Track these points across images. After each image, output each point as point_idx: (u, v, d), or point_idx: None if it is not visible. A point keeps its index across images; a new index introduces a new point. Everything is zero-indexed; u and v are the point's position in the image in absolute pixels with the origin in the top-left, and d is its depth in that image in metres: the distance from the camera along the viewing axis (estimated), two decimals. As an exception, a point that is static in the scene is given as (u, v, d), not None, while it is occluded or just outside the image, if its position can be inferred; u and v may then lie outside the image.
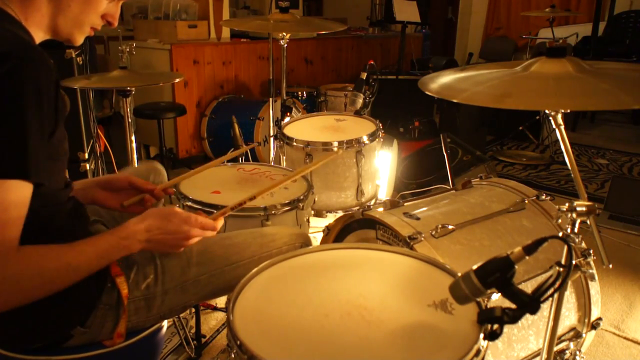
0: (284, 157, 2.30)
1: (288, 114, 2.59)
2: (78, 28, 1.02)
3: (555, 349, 1.27)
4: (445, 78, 1.20)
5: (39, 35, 0.99)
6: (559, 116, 1.04)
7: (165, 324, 1.18)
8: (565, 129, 1.05)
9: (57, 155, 0.97)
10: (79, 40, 1.04)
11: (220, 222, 1.13)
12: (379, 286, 1.00)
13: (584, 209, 0.96)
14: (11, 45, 0.84)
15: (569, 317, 1.47)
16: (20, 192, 0.83)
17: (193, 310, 1.81)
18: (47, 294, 0.89)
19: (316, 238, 2.24)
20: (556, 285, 0.83)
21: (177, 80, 2.20)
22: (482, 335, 0.84)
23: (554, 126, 1.05)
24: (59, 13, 0.98)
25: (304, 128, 2.36)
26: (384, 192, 2.65)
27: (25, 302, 0.88)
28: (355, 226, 1.54)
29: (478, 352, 0.82)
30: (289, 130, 2.28)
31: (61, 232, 0.99)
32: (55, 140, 0.93)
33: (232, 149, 2.04)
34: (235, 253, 1.20)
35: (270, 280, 1.03)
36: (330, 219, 2.02)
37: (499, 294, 0.83)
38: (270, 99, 2.91)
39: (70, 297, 0.98)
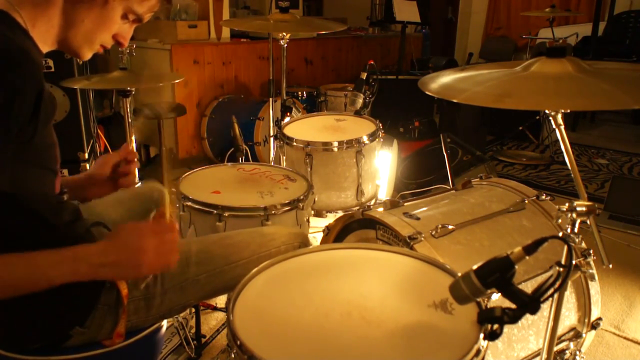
0: (284, 157, 2.30)
1: (288, 114, 2.58)
2: (88, 44, 1.01)
3: (555, 349, 1.27)
4: (445, 78, 1.20)
5: (45, 46, 0.97)
6: (559, 116, 1.04)
7: (164, 323, 1.18)
8: (565, 129, 1.05)
9: (43, 163, 0.95)
10: (87, 55, 1.03)
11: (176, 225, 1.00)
12: (379, 286, 1.00)
13: (584, 209, 0.96)
14: None
15: (569, 317, 1.47)
16: None
17: (193, 310, 1.81)
18: None
19: (316, 238, 2.24)
20: (556, 285, 0.83)
21: (177, 80, 2.20)
22: (482, 335, 0.84)
23: (554, 126, 1.05)
24: (71, 27, 0.97)
25: (304, 128, 2.36)
26: (384, 192, 2.65)
27: None
28: (355, 226, 1.54)
29: (478, 352, 0.82)
30: (289, 130, 2.28)
31: (47, 242, 0.97)
32: (37, 146, 0.90)
33: (232, 149, 2.04)
34: (235, 252, 1.20)
35: (270, 280, 1.03)
36: (330, 219, 2.02)
37: (499, 294, 0.83)
38: (270, 99, 2.91)
39: (69, 298, 0.98)
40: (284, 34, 2.45)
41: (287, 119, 2.46)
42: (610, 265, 1.22)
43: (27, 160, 0.89)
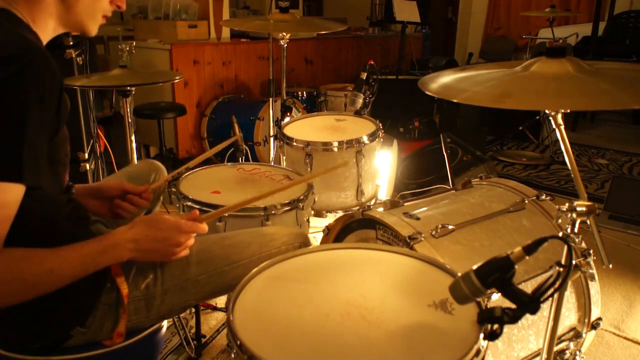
0: (284, 157, 2.30)
1: (288, 114, 2.59)
2: (91, 18, 1.01)
3: (555, 349, 1.27)
4: (445, 78, 1.20)
5: (49, 32, 0.98)
6: (559, 116, 1.04)
7: (165, 324, 1.18)
8: (565, 129, 1.05)
9: (57, 158, 0.97)
10: (94, 30, 1.04)
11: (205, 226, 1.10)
12: (379, 286, 1.00)
13: (584, 209, 0.97)
14: (16, 48, 0.83)
15: (569, 317, 1.47)
16: (11, 194, 0.83)
17: (193, 310, 1.81)
18: (27, 299, 0.88)
19: (316, 238, 2.24)
20: (556, 285, 0.83)
21: (177, 79, 2.20)
22: (482, 335, 0.84)
23: (554, 126, 1.05)
24: (69, 8, 0.97)
25: (304, 128, 2.36)
26: (384, 192, 2.65)
27: (5, 304, 0.87)
28: (355, 226, 1.54)
29: (478, 352, 0.82)
30: (289, 130, 2.28)
31: (61, 235, 0.99)
32: (56, 142, 0.93)
33: (232, 149, 2.04)
34: (235, 253, 1.20)
35: (270, 280, 1.03)
36: (330, 219, 2.02)
37: (499, 294, 0.83)
38: (270, 99, 2.91)
39: (70, 298, 0.98)
40: (284, 34, 2.45)
41: (287, 119, 2.47)
42: (610, 265, 1.22)
43: (48, 156, 0.91)
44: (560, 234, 0.98)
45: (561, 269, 0.93)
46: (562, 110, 1.04)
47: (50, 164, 0.93)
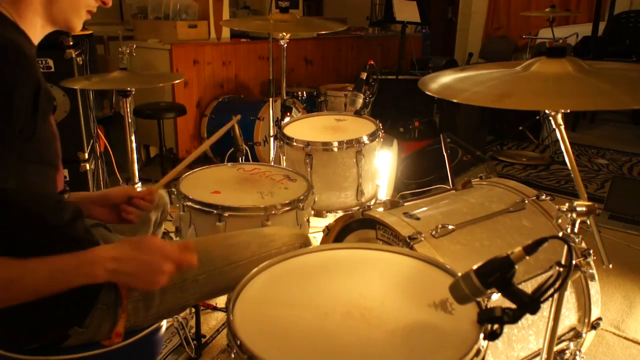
0: (284, 157, 2.29)
1: (288, 114, 2.58)
2: (75, 13, 1.01)
3: (555, 349, 1.27)
4: (445, 78, 1.20)
5: (37, 31, 0.98)
6: (559, 116, 1.04)
7: (164, 323, 1.17)
8: (565, 129, 1.05)
9: (44, 158, 0.95)
10: (78, 26, 1.03)
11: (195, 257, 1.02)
12: (379, 286, 1.00)
13: (584, 209, 0.96)
14: None
15: (569, 317, 1.47)
16: None
17: (193, 310, 1.81)
18: None
19: (316, 238, 2.24)
20: (556, 285, 0.83)
21: (177, 80, 2.20)
22: (482, 335, 0.84)
23: (554, 126, 1.05)
24: (52, 5, 0.97)
25: (304, 128, 2.36)
26: (384, 192, 2.65)
27: None
28: (355, 226, 1.54)
29: (478, 352, 0.82)
30: (289, 130, 2.28)
31: (55, 238, 0.98)
32: (39, 142, 0.90)
33: (232, 149, 2.04)
34: (235, 253, 1.20)
35: (270, 280, 1.03)
36: (330, 219, 2.02)
37: (499, 294, 0.83)
38: (270, 99, 2.91)
39: (68, 298, 0.97)
40: (284, 34, 2.45)
41: (287, 119, 2.46)
42: (610, 265, 1.22)
43: (28, 156, 0.89)
44: (560, 234, 0.98)
45: (561, 269, 0.93)
46: (562, 110, 1.04)
47: (35, 164, 0.91)
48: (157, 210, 1.49)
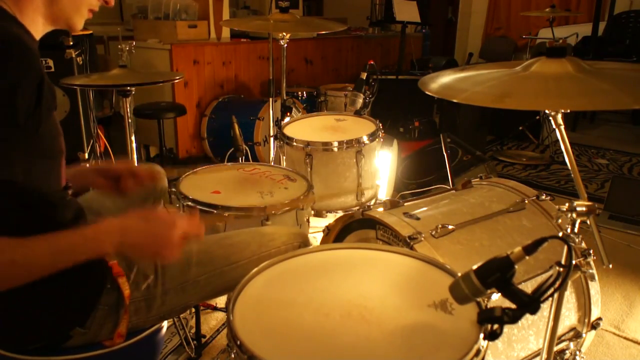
0: (284, 157, 2.29)
1: (288, 114, 2.58)
2: (76, 12, 1.00)
3: (555, 349, 1.26)
4: (445, 78, 1.20)
5: (38, 28, 0.98)
6: (559, 116, 1.04)
7: (165, 324, 1.18)
8: (565, 129, 1.05)
9: (49, 153, 0.95)
10: (79, 25, 1.02)
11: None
12: (379, 286, 1.00)
13: (584, 209, 0.96)
14: None
15: (569, 317, 1.47)
16: None
17: (193, 310, 1.81)
18: None
19: (316, 238, 2.24)
20: (556, 285, 0.83)
21: (177, 79, 2.20)
22: (482, 335, 0.84)
23: (554, 126, 1.05)
24: (53, 2, 0.96)
25: (304, 128, 2.36)
26: (384, 192, 2.65)
27: None
28: (355, 226, 1.54)
29: (478, 352, 0.82)
30: (289, 130, 2.28)
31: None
32: (43, 136, 0.90)
33: (232, 149, 2.04)
34: (235, 253, 1.20)
35: (270, 280, 1.03)
36: (330, 219, 2.02)
37: (499, 294, 0.83)
38: (270, 99, 2.91)
39: (69, 298, 0.98)
40: (284, 34, 2.45)
41: (287, 119, 2.46)
42: (610, 265, 1.22)
43: (33, 151, 0.89)
44: (560, 234, 0.98)
45: (561, 269, 0.93)
46: (562, 110, 1.04)
47: (40, 159, 0.91)
48: (154, 195, 1.50)
